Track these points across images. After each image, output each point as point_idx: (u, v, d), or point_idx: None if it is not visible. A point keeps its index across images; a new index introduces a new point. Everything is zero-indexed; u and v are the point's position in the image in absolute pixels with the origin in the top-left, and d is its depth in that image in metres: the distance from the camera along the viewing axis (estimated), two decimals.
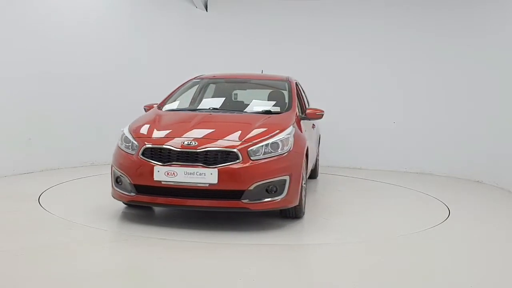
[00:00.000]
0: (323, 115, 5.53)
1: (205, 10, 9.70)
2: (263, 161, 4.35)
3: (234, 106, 5.75)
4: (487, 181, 7.61)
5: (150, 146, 4.43)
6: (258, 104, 5.74)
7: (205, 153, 4.29)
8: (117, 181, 4.62)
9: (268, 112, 5.25)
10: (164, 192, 4.36)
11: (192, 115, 5.20)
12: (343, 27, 9.14)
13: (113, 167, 4.69)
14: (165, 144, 4.40)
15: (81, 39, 7.79)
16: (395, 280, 3.42)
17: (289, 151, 4.52)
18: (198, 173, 4.22)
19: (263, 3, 9.57)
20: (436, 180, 7.98)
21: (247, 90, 6.32)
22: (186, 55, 9.35)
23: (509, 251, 4.32)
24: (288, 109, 5.32)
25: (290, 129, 4.72)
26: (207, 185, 4.23)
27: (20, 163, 6.94)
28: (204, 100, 6.03)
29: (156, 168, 4.29)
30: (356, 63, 8.95)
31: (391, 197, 6.51)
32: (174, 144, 4.38)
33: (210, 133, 4.59)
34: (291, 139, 4.61)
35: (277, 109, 5.40)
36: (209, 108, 5.51)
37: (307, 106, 6.37)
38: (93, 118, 7.95)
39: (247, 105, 5.69)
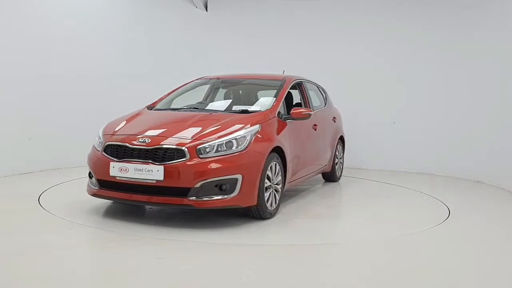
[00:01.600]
0: (309, 115, 5.48)
1: (205, 10, 9.70)
2: (213, 159, 4.37)
3: (219, 106, 5.82)
4: (487, 181, 7.61)
5: (110, 143, 4.66)
6: (244, 103, 5.73)
7: (155, 150, 4.41)
8: (89, 175, 4.89)
9: (245, 112, 5.20)
10: (118, 187, 4.55)
11: (167, 114, 5.35)
12: (343, 26, 9.13)
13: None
14: (122, 141, 4.60)
15: (81, 39, 7.80)
16: (395, 280, 3.42)
17: (244, 150, 4.51)
18: (146, 170, 4.35)
19: (263, 3, 9.57)
20: (436, 180, 7.97)
21: (244, 90, 6.31)
22: (186, 55, 9.35)
23: (509, 251, 4.32)
24: (267, 108, 5.27)
25: (250, 129, 4.68)
26: (155, 181, 4.34)
27: (20, 163, 6.94)
28: (193, 99, 6.12)
29: (111, 164, 4.50)
30: (356, 63, 8.93)
31: (391, 197, 6.50)
32: (129, 142, 4.55)
33: (166, 131, 4.68)
34: (249, 138, 4.59)
35: (258, 108, 5.36)
36: (191, 108, 5.60)
37: (311, 106, 6.27)
38: (93, 118, 7.93)
39: (234, 104, 5.74)
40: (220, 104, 6.01)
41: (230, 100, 5.96)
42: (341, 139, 7.48)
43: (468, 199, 6.63)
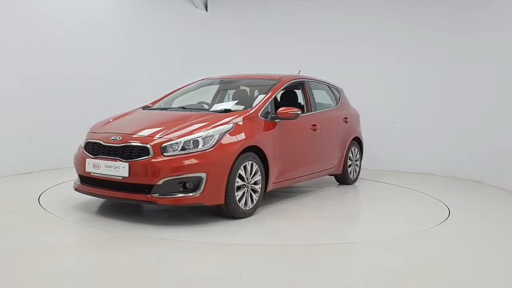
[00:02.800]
0: (298, 114, 5.40)
1: (205, 10, 9.70)
2: (177, 157, 4.43)
3: (206, 106, 5.87)
4: (487, 181, 7.61)
5: (88, 140, 4.89)
6: (228, 103, 5.78)
7: (123, 148, 4.55)
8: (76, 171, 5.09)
9: (227, 111, 5.24)
10: (94, 182, 4.75)
11: (152, 114, 5.50)
12: (344, 26, 9.14)
13: None
14: (98, 139, 4.80)
15: (81, 39, 7.80)
16: (395, 280, 3.42)
17: (210, 149, 4.54)
18: (114, 167, 4.51)
19: (263, 3, 9.57)
20: (436, 180, 7.97)
21: (242, 90, 6.32)
22: (185, 55, 9.35)
23: (509, 251, 4.31)
24: (249, 108, 5.28)
25: (219, 128, 4.71)
26: (121, 178, 4.48)
27: (20, 163, 6.95)
28: (184, 99, 6.15)
29: (87, 160, 4.73)
30: (356, 63, 8.94)
31: (391, 197, 6.51)
32: (103, 139, 4.74)
33: (138, 129, 4.78)
34: (216, 137, 4.61)
35: (242, 107, 5.38)
36: (178, 107, 5.70)
37: (313, 106, 6.23)
38: (93, 118, 7.88)
39: (221, 104, 5.81)
40: (213, 104, 6.06)
41: (227, 100, 6.04)
42: (357, 140, 7.29)
43: (468, 199, 6.63)
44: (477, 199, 6.63)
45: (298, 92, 6.33)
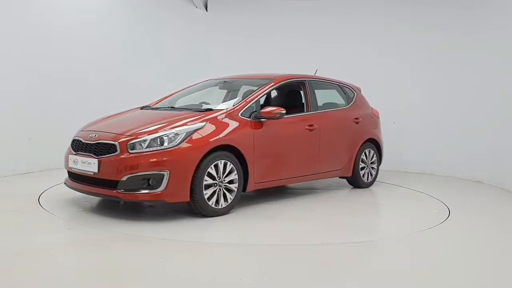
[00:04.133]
0: (282, 114, 5.37)
1: (205, 10, 9.71)
2: (141, 154, 4.56)
3: (204, 106, 5.86)
4: (487, 181, 7.61)
5: (74, 137, 5.18)
6: (213, 102, 5.82)
7: (95, 145, 4.77)
8: None
9: (209, 110, 5.29)
10: (74, 177, 5.06)
11: (141, 113, 5.63)
12: (344, 26, 9.14)
13: None
14: (80, 136, 5.07)
15: (81, 39, 7.80)
16: (394, 280, 3.41)
17: (175, 147, 4.61)
18: (87, 163, 4.77)
19: (263, 3, 9.57)
20: (436, 180, 7.97)
21: (239, 91, 6.32)
22: (185, 55, 9.36)
23: (509, 251, 4.31)
24: (230, 107, 5.31)
25: (188, 126, 4.78)
26: (92, 173, 4.71)
27: (20, 163, 6.95)
28: (179, 99, 6.21)
29: (70, 156, 5.05)
30: (356, 63, 8.94)
31: (391, 197, 6.51)
32: (83, 137, 5.00)
33: (113, 127, 5.00)
34: (183, 136, 4.68)
35: (224, 107, 5.39)
36: (169, 107, 5.80)
37: (313, 106, 6.14)
38: (93, 118, 7.91)
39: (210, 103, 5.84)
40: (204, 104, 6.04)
41: (228, 100, 6.06)
42: (373, 142, 7.02)
43: (468, 199, 6.63)
44: (477, 199, 6.63)
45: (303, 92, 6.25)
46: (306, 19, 9.32)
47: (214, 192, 4.82)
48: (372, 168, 7.03)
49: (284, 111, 5.39)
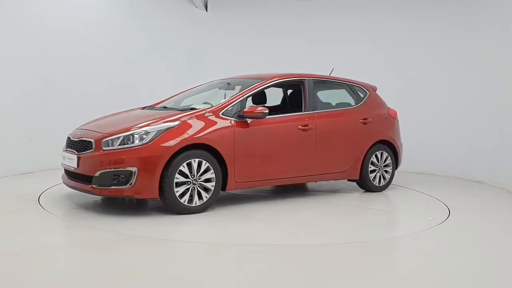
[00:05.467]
0: (264, 114, 5.35)
1: (205, 10, 9.71)
2: (113, 151, 4.77)
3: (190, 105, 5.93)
4: (487, 181, 7.61)
5: (68, 135, 5.38)
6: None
7: (78, 142, 5.05)
8: None
9: (193, 109, 5.37)
10: (65, 172, 5.31)
11: (135, 112, 5.74)
12: (344, 26, 9.15)
13: None
14: (71, 134, 5.32)
15: (81, 39, 7.80)
16: (394, 280, 3.41)
17: (144, 145, 4.75)
18: (70, 159, 5.06)
19: (263, 3, 9.58)
20: (436, 180, 7.97)
21: (235, 91, 6.32)
22: (185, 54, 9.36)
23: (509, 251, 4.32)
24: (211, 106, 5.38)
25: (160, 125, 4.91)
26: (73, 168, 4.99)
27: (20, 163, 6.94)
28: (184, 99, 6.25)
29: (61, 153, 5.33)
30: (356, 63, 8.94)
31: (391, 197, 6.50)
32: (73, 134, 5.29)
33: (101, 126, 5.21)
34: (153, 134, 4.81)
35: (207, 106, 5.45)
36: (161, 107, 5.87)
37: (311, 106, 6.01)
38: (92, 118, 7.92)
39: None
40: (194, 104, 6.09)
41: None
42: (387, 144, 6.70)
43: (468, 199, 6.63)
44: (477, 199, 6.63)
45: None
46: (306, 19, 9.32)
47: (187, 190, 4.88)
48: (386, 171, 6.70)
49: (267, 111, 5.38)
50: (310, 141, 5.92)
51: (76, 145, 5.06)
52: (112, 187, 4.74)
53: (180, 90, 6.59)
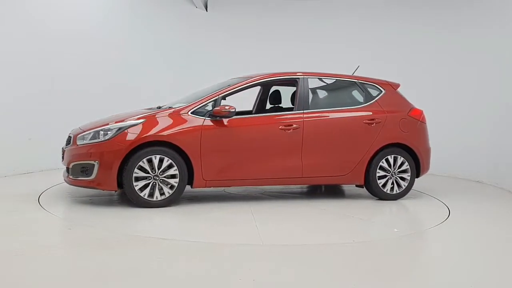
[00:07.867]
0: (233, 112, 5.35)
1: (205, 10, 9.71)
2: (83, 146, 5.21)
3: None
4: (487, 181, 7.61)
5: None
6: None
7: (68, 138, 5.53)
8: None
9: (170, 108, 5.55)
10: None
11: (130, 111, 5.85)
12: (343, 26, 9.15)
13: None
14: (71, 132, 5.64)
15: (81, 39, 7.80)
16: (394, 280, 3.41)
17: (106, 141, 5.10)
18: (62, 154, 5.54)
19: (263, 3, 9.58)
20: (436, 180, 7.97)
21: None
22: (185, 54, 9.35)
23: (509, 251, 4.31)
24: (182, 105, 5.50)
25: (123, 123, 5.18)
26: (61, 161, 5.52)
27: (20, 163, 6.94)
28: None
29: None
30: (356, 63, 8.93)
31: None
32: (72, 131, 5.60)
33: (93, 123, 5.54)
34: (115, 131, 5.13)
35: (182, 105, 5.53)
36: (157, 107, 5.92)
37: (303, 105, 5.80)
38: (92, 118, 7.92)
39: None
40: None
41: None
42: (404, 148, 6.07)
43: (468, 199, 6.62)
44: (477, 199, 6.63)
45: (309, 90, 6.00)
46: (306, 19, 9.32)
47: (147, 184, 5.12)
48: (401, 178, 6.07)
49: (234, 110, 5.40)
50: (295, 142, 5.64)
51: (67, 141, 5.53)
52: (80, 178, 5.16)
53: (179, 90, 6.58)
